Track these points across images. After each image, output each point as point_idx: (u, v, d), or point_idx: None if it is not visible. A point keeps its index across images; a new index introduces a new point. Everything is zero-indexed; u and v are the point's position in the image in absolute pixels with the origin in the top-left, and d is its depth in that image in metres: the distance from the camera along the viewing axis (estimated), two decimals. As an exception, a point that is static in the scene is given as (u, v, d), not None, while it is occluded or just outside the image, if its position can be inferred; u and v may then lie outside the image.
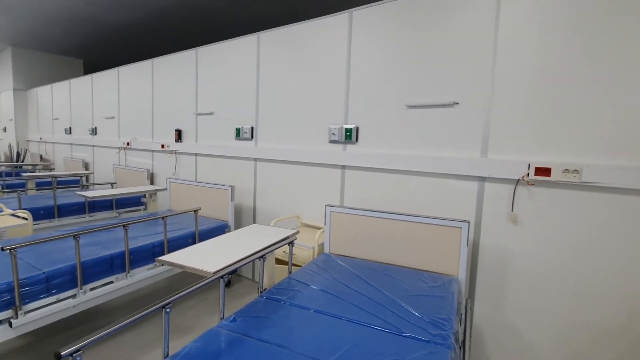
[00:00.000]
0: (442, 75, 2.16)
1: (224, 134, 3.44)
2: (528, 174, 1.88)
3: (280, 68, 2.96)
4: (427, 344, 1.32)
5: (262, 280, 1.82)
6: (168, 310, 1.22)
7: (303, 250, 2.49)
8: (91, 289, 2.13)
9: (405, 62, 2.30)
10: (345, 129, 2.57)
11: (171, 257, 1.56)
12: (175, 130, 3.91)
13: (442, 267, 2.08)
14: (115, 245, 2.38)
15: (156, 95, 4.20)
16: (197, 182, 3.43)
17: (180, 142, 3.90)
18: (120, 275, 2.29)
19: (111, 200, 4.01)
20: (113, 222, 2.41)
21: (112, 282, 2.25)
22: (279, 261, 2.58)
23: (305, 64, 2.80)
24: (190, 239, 2.78)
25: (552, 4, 1.81)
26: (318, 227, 2.80)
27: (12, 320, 1.75)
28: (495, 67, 1.98)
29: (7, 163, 6.57)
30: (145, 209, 4.32)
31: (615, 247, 1.72)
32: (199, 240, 2.80)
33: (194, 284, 1.36)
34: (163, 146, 4.07)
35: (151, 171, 4.36)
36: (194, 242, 2.79)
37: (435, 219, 2.09)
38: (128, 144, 4.62)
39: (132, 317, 1.08)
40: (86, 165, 5.60)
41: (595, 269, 1.77)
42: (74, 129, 5.91)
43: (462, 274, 2.01)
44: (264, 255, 1.79)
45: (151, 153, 4.35)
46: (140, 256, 2.42)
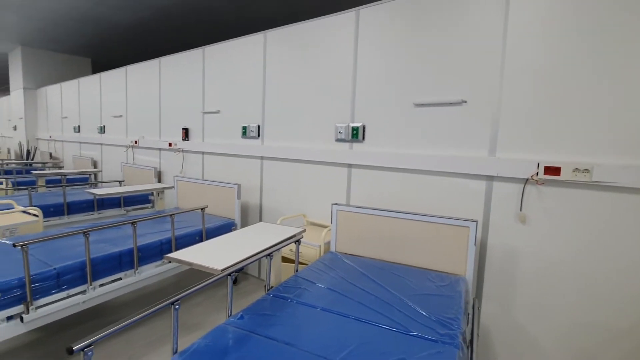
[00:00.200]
0: (449, 73, 2.15)
1: (231, 132, 3.45)
2: (537, 173, 1.86)
3: (287, 66, 2.96)
4: (435, 343, 1.32)
5: (269, 278, 1.83)
6: (177, 306, 1.23)
7: (309, 249, 2.49)
8: (100, 285, 2.15)
9: (412, 60, 2.29)
10: (352, 127, 2.56)
11: (179, 255, 1.57)
12: (183, 128, 3.93)
13: (450, 267, 2.07)
14: (123, 242, 2.41)
15: (163, 93, 4.23)
16: (204, 180, 3.45)
17: (188, 140, 3.92)
18: (128, 272, 2.31)
19: (119, 198, 4.06)
20: (122, 219, 2.44)
21: (120, 279, 2.27)
22: (285, 259, 2.58)
23: (312, 62, 2.80)
24: (197, 237, 2.80)
25: (562, 2, 1.78)
26: (324, 226, 2.80)
27: (23, 316, 1.78)
28: (504, 65, 1.96)
29: (18, 161, 6.68)
30: (153, 207, 4.37)
31: (625, 248, 1.69)
32: (206, 238, 2.82)
33: (202, 281, 1.37)
34: (170, 144, 4.10)
35: (158, 169, 4.40)
36: (201, 240, 2.81)
37: (442, 218, 2.08)
38: (136, 142, 4.66)
39: (142, 313, 1.09)
40: (94, 164, 5.66)
41: (604, 269, 1.75)
42: (82, 128, 5.98)
43: (469, 273, 1.99)
44: (271, 253, 1.79)
45: (158, 151, 4.39)
46: (149, 253, 2.44)
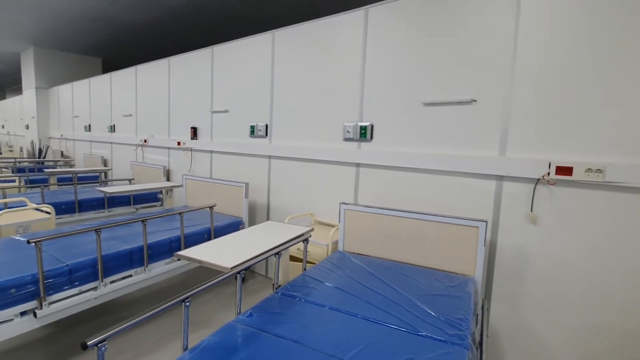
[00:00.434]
0: (459, 72, 2.13)
1: (239, 131, 3.47)
2: (549, 173, 1.83)
3: (295, 65, 2.96)
4: (444, 343, 1.31)
5: (278, 276, 1.84)
6: (188, 304, 1.24)
7: (317, 248, 2.49)
8: (111, 282, 2.19)
9: (421, 58, 2.27)
10: (360, 126, 2.56)
11: (189, 252, 1.59)
12: (191, 127, 3.96)
13: (458, 267, 2.05)
14: (134, 239, 2.44)
15: (172, 93, 4.27)
16: (212, 179, 3.48)
17: (196, 139, 3.95)
18: (139, 269, 2.34)
19: (129, 196, 4.11)
20: (132, 217, 2.47)
21: (130, 276, 2.31)
22: (292, 258, 2.59)
23: (320, 61, 2.80)
24: (205, 235, 2.82)
25: (574, 1, 1.76)
26: (332, 225, 2.80)
27: (36, 311, 1.82)
28: (515, 64, 1.94)
29: (30, 159, 6.80)
30: (162, 205, 4.41)
31: (638, 249, 1.66)
32: (214, 236, 2.84)
33: (212, 279, 1.38)
34: (179, 143, 4.14)
35: (167, 168, 4.44)
36: (209, 238, 2.83)
37: (451, 218, 2.06)
38: (145, 141, 4.72)
39: (154, 310, 1.10)
40: (105, 162, 5.74)
41: (616, 271, 1.72)
42: (93, 127, 6.07)
43: (478, 274, 1.98)
44: (279, 252, 1.80)
45: (167, 150, 4.43)
46: (158, 251, 2.47)
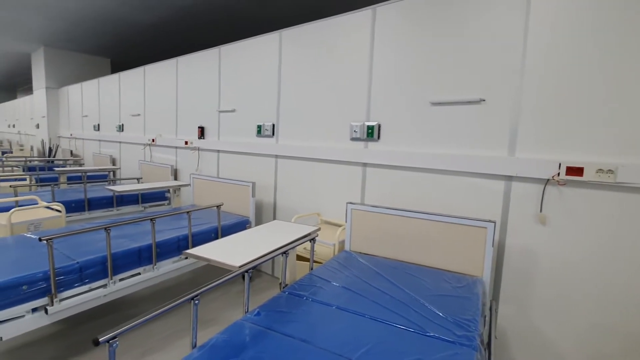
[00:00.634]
0: (467, 71, 2.11)
1: (246, 131, 3.49)
2: (559, 173, 1.81)
3: (302, 65, 2.97)
4: (452, 344, 1.31)
5: (285, 275, 1.84)
6: (197, 302, 1.25)
7: (323, 247, 2.50)
8: (120, 280, 2.21)
9: (429, 58, 2.26)
10: (367, 126, 2.55)
11: (198, 251, 1.60)
12: (199, 127, 3.99)
13: (466, 268, 2.04)
14: (142, 238, 2.47)
15: (180, 92, 4.30)
16: (219, 178, 3.50)
17: (203, 139, 3.98)
18: (147, 267, 2.37)
19: (137, 195, 4.15)
20: (141, 215, 2.50)
21: (139, 274, 2.33)
22: (298, 257, 2.60)
23: (327, 60, 2.80)
24: (213, 234, 2.84)
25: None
26: (338, 225, 2.80)
27: (47, 308, 1.85)
28: (524, 63, 1.92)
29: (40, 158, 6.91)
30: (169, 204, 4.45)
31: (652, 251, 1.64)
32: (221, 235, 2.86)
33: (220, 278, 1.39)
34: (186, 143, 4.17)
35: (175, 167, 4.48)
36: (216, 237, 2.85)
37: (459, 219, 2.05)
38: (153, 140, 4.76)
39: (164, 307, 1.12)
40: (113, 161, 5.81)
41: (627, 273, 1.69)
42: (102, 126, 6.14)
43: (486, 275, 1.96)
44: (286, 251, 1.81)
45: (175, 149, 4.47)
46: (166, 249, 2.50)
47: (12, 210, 2.70)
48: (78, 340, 2.19)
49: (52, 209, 3.06)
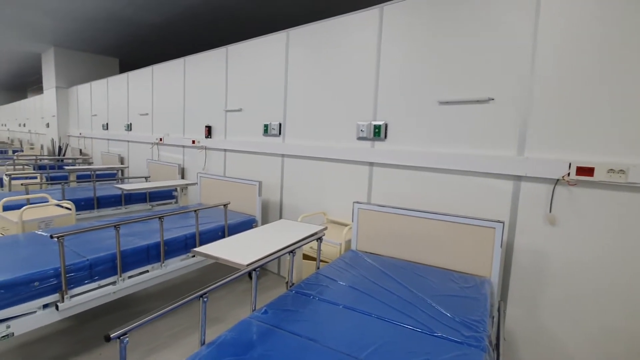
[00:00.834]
0: (476, 70, 2.10)
1: (252, 130, 3.50)
2: (569, 173, 1.79)
3: (309, 64, 2.97)
4: (460, 345, 1.30)
5: (292, 274, 1.85)
6: (205, 299, 1.26)
7: (330, 247, 2.50)
8: (129, 277, 2.24)
9: (437, 57, 2.25)
10: (374, 125, 2.55)
11: (206, 249, 1.61)
12: (206, 126, 4.02)
13: (474, 268, 2.03)
14: (150, 236, 2.49)
15: (188, 92, 4.33)
16: (225, 177, 3.52)
17: (210, 138, 4.01)
18: (155, 265, 2.39)
19: (145, 193, 4.19)
20: (150, 214, 2.52)
21: (147, 271, 2.35)
22: (304, 256, 2.60)
23: (334, 60, 2.79)
24: (220, 232, 2.86)
25: (600, -7, 1.71)
26: (344, 224, 2.80)
27: (58, 304, 1.88)
28: (534, 62, 1.90)
29: (50, 157, 7.01)
30: (177, 202, 4.49)
31: (665, 253, 1.61)
32: (228, 233, 2.88)
33: (228, 276, 1.40)
34: (194, 142, 4.20)
35: (182, 166, 4.51)
36: (223, 235, 2.87)
37: (467, 219, 2.04)
38: (161, 139, 4.80)
39: (174, 304, 1.13)
40: (122, 160, 5.87)
41: (637, 274, 1.67)
42: (110, 125, 6.21)
43: (494, 275, 1.95)
44: (293, 250, 1.81)
45: (182, 148, 4.51)
46: (174, 247, 2.52)
47: (24, 208, 2.74)
48: (87, 336, 2.22)
49: (62, 207, 3.11)
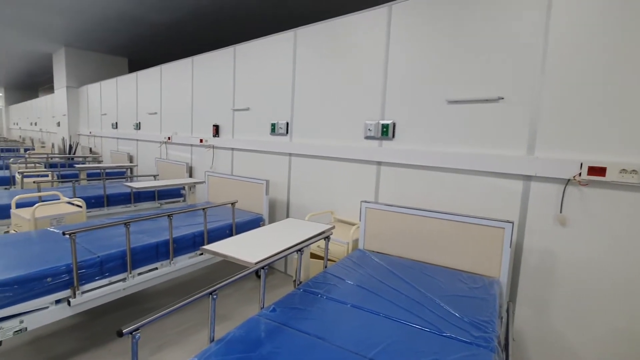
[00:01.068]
0: (485, 69, 2.08)
1: (260, 129, 3.52)
2: (580, 173, 1.77)
3: (316, 63, 2.97)
4: (470, 345, 1.29)
5: (300, 273, 1.86)
6: (215, 296, 1.28)
7: (337, 246, 2.50)
8: (139, 274, 2.26)
9: (445, 56, 2.23)
10: (382, 124, 2.54)
11: (215, 247, 1.63)
12: (213, 125, 4.04)
13: (482, 269, 2.01)
14: (159, 233, 2.52)
15: (196, 91, 4.37)
16: (233, 175, 3.54)
17: (218, 137, 4.03)
18: (164, 262, 2.42)
19: (154, 191, 4.24)
20: (159, 211, 2.55)
21: (156, 269, 2.38)
22: (311, 255, 2.61)
23: (342, 59, 2.79)
24: (227, 231, 2.88)
25: (614, -9, 1.68)
26: (352, 223, 2.80)
27: (70, 300, 1.91)
28: (545, 61, 1.87)
29: (61, 155, 7.12)
30: (184, 201, 4.53)
31: (679, 255, 1.58)
32: (236, 232, 2.90)
33: (237, 273, 1.41)
34: (201, 141, 4.23)
35: (190, 165, 4.55)
36: (231, 234, 2.89)
37: (476, 219, 2.02)
38: (169, 138, 4.85)
39: (185, 301, 1.14)
40: (131, 158, 5.94)
41: (655, 277, 1.64)
42: (120, 124, 6.29)
43: (503, 276, 1.93)
44: (301, 248, 1.82)
45: (190, 147, 4.54)
46: (183, 245, 2.54)
47: (36, 205, 2.79)
48: (98, 332, 2.26)
49: (73, 205, 3.16)
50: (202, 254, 2.67)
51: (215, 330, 1.32)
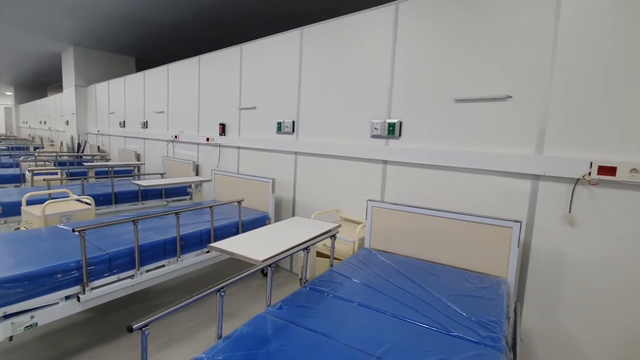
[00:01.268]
0: (493, 67, 2.06)
1: (266, 128, 3.53)
2: (590, 172, 1.75)
3: (323, 62, 2.97)
4: (477, 345, 1.29)
5: (306, 271, 1.86)
6: (223, 294, 1.29)
7: (343, 244, 2.50)
8: (146, 271, 2.29)
9: (453, 54, 2.22)
10: (388, 123, 2.53)
11: (222, 245, 1.64)
12: (220, 124, 4.06)
13: (490, 268, 2.00)
14: (166, 231, 2.54)
15: (202, 90, 4.39)
16: (239, 174, 3.56)
17: (224, 135, 4.05)
18: (172, 260, 2.44)
19: (161, 189, 4.27)
20: (166, 209, 2.57)
21: (164, 266, 2.40)
22: (317, 254, 2.61)
23: (348, 57, 2.79)
24: (233, 229, 2.90)
25: (626, -13, 1.66)
26: (357, 222, 2.80)
27: (80, 296, 1.94)
28: (554, 59, 1.85)
29: (70, 153, 7.21)
30: (191, 199, 4.56)
31: (692, 256, 1.56)
32: (242, 230, 2.91)
33: (244, 271, 1.42)
34: (208, 139, 4.26)
35: (196, 163, 4.58)
36: (237, 232, 2.90)
37: (483, 218, 2.01)
38: (176, 137, 4.88)
39: (193, 297, 1.15)
40: (138, 157, 5.99)
41: (666, 278, 1.62)
42: (127, 123, 6.35)
43: (511, 276, 1.92)
44: (308, 247, 1.83)
45: (196, 146, 4.57)
46: (190, 242, 2.56)
47: (46, 202, 2.83)
48: (106, 328, 2.29)
49: (82, 202, 3.20)
50: (208, 251, 2.68)
51: (222, 327, 1.33)
